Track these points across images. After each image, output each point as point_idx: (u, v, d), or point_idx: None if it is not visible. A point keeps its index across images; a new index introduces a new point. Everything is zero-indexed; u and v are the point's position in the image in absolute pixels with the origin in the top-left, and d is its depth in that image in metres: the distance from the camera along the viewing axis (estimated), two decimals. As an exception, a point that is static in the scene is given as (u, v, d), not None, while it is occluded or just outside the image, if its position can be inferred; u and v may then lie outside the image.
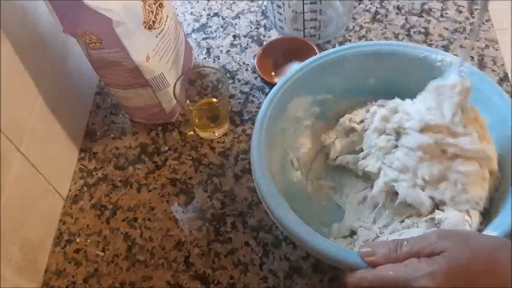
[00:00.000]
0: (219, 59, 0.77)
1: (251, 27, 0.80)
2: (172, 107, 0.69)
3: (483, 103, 0.52)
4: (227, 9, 0.83)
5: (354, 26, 0.78)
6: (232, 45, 0.78)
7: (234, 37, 0.79)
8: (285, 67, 0.73)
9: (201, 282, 0.56)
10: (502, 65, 0.71)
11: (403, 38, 0.76)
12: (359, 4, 0.81)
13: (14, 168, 0.53)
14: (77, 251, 0.60)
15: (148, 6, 0.59)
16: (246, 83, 0.73)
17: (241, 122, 0.69)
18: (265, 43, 0.76)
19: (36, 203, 0.58)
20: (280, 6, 0.72)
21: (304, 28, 0.73)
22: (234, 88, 0.73)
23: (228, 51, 0.77)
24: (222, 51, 0.77)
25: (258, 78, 0.73)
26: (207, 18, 0.82)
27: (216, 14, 0.82)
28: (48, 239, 0.61)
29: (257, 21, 0.81)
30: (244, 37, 0.79)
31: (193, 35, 0.80)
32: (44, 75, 0.60)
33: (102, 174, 0.67)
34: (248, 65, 0.75)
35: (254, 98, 0.72)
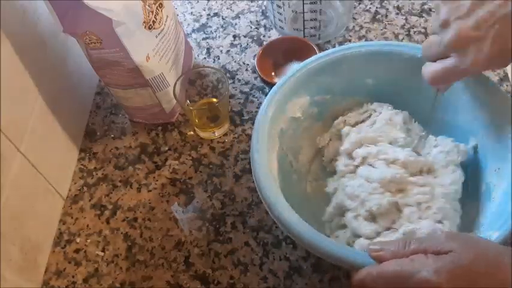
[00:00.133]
0: (219, 59, 0.77)
1: (251, 27, 0.80)
2: (172, 107, 0.69)
3: (481, 102, 0.53)
4: (227, 9, 0.83)
5: (354, 26, 0.78)
6: (232, 45, 0.78)
7: (234, 37, 0.79)
8: (285, 67, 0.73)
9: (201, 282, 0.56)
10: (502, 65, 0.71)
11: (403, 38, 0.76)
12: (359, 4, 0.81)
13: (14, 168, 0.53)
14: (77, 251, 0.60)
15: (148, 6, 0.59)
16: (246, 83, 0.73)
17: (241, 122, 0.69)
18: (265, 43, 0.76)
19: (36, 203, 0.58)
20: (280, 6, 0.72)
21: (304, 28, 0.73)
22: (234, 88, 0.73)
23: (228, 51, 0.77)
24: (222, 51, 0.77)
25: (258, 78, 0.73)
26: (207, 18, 0.82)
27: (216, 14, 0.82)
28: (48, 239, 0.61)
29: (257, 21, 0.81)
30: (244, 37, 0.79)
31: (193, 35, 0.80)
32: (44, 75, 0.60)
33: (102, 174, 0.67)
34: (248, 65, 0.75)
35: (254, 98, 0.72)
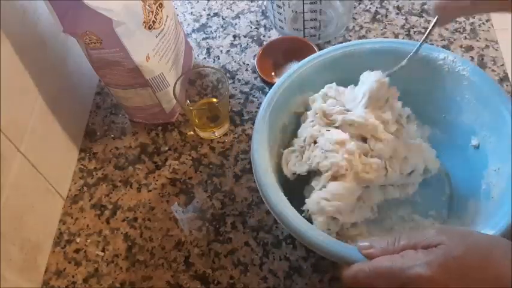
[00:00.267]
0: (219, 59, 0.77)
1: (251, 27, 0.80)
2: (172, 107, 0.69)
3: (483, 102, 0.53)
4: (227, 9, 0.83)
5: (354, 26, 0.78)
6: (232, 45, 0.78)
7: (234, 37, 0.79)
8: (285, 67, 0.73)
9: (201, 282, 0.56)
10: (502, 65, 0.71)
11: (403, 38, 0.76)
12: (359, 4, 0.81)
13: (14, 168, 0.53)
14: (77, 251, 0.60)
15: (148, 6, 0.59)
16: (246, 83, 0.73)
17: (241, 122, 0.69)
18: (265, 43, 0.76)
19: (36, 203, 0.58)
20: (280, 6, 0.72)
21: (304, 28, 0.73)
22: (234, 88, 0.73)
23: (228, 51, 0.77)
24: (222, 51, 0.77)
25: (258, 78, 0.73)
26: (207, 18, 0.82)
27: (216, 14, 0.82)
28: (48, 239, 0.61)
29: (257, 21, 0.81)
30: (244, 37, 0.79)
31: (193, 35, 0.80)
32: (44, 75, 0.60)
33: (102, 174, 0.67)
34: (248, 65, 0.75)
35: (254, 98, 0.72)
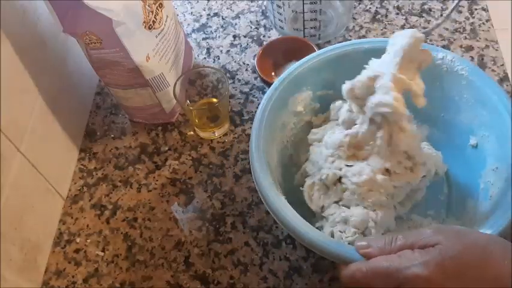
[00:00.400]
0: (219, 59, 0.77)
1: (251, 27, 0.80)
2: (172, 107, 0.69)
3: (482, 101, 0.53)
4: (227, 9, 0.83)
5: (354, 26, 0.78)
6: (232, 45, 0.78)
7: (234, 37, 0.79)
8: (285, 67, 0.73)
9: (201, 282, 0.57)
10: (502, 65, 0.71)
11: (403, 38, 0.76)
12: (359, 4, 0.81)
13: (14, 168, 0.53)
14: (77, 251, 0.60)
15: (148, 6, 0.59)
16: (246, 83, 0.73)
17: (241, 122, 0.69)
18: (265, 43, 0.76)
19: (36, 203, 0.58)
20: (280, 6, 0.72)
21: (304, 28, 0.73)
22: (234, 88, 0.73)
23: (228, 51, 0.77)
24: (222, 51, 0.77)
25: (258, 78, 0.73)
26: (207, 18, 0.82)
27: (216, 14, 0.82)
28: (48, 239, 0.61)
29: (257, 21, 0.81)
30: (244, 37, 0.79)
31: (193, 35, 0.80)
32: (44, 75, 0.61)
33: (102, 174, 0.67)
34: (248, 65, 0.75)
35: (254, 98, 0.72)
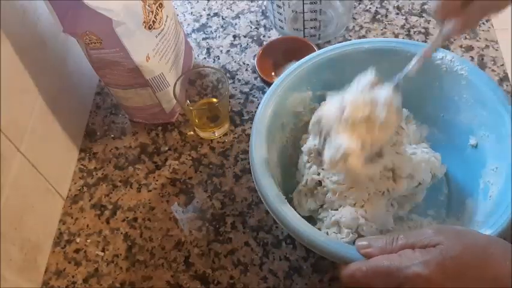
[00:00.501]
0: (219, 59, 0.77)
1: (251, 27, 0.80)
2: (172, 107, 0.69)
3: (481, 101, 0.53)
4: (227, 9, 0.83)
5: (354, 26, 0.78)
6: (232, 45, 0.78)
7: (234, 37, 0.79)
8: (285, 67, 0.73)
9: (201, 282, 0.56)
10: (502, 65, 0.71)
11: (403, 38, 0.76)
12: (359, 4, 0.81)
13: (14, 168, 0.53)
14: (77, 251, 0.60)
15: (148, 6, 0.59)
16: (246, 83, 0.73)
17: (241, 122, 0.69)
18: (265, 43, 0.76)
19: (36, 203, 0.58)
20: (280, 6, 0.72)
21: (304, 28, 0.73)
22: (234, 88, 0.73)
23: (228, 51, 0.77)
24: (222, 51, 0.77)
25: (258, 78, 0.73)
26: (207, 18, 0.82)
27: (216, 14, 0.82)
28: (48, 239, 0.61)
29: (257, 21, 0.81)
30: (244, 37, 0.79)
31: (193, 35, 0.80)
32: (44, 75, 0.61)
33: (102, 174, 0.67)
34: (248, 65, 0.75)
35: (254, 98, 0.72)
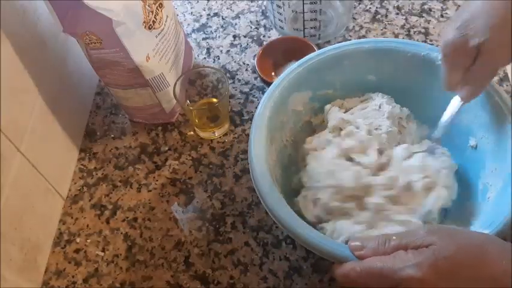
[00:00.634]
0: (219, 59, 0.77)
1: (251, 27, 0.80)
2: (172, 107, 0.69)
3: (482, 102, 0.53)
4: (227, 9, 0.83)
5: (354, 26, 0.78)
6: (232, 45, 0.78)
7: (234, 37, 0.79)
8: (285, 67, 0.73)
9: (201, 282, 0.56)
10: (502, 65, 0.71)
11: (403, 38, 0.76)
12: (359, 4, 0.81)
13: (14, 168, 0.53)
14: (77, 251, 0.60)
15: (148, 6, 0.59)
16: (246, 83, 0.73)
17: (241, 122, 0.69)
18: (265, 43, 0.76)
19: (36, 203, 0.58)
20: (280, 6, 0.72)
21: (304, 28, 0.73)
22: (234, 88, 0.73)
23: (228, 51, 0.77)
24: (222, 51, 0.77)
25: (258, 78, 0.73)
26: (207, 18, 0.82)
27: (216, 14, 0.82)
28: (48, 239, 0.61)
29: (257, 21, 0.81)
30: (244, 37, 0.79)
31: (193, 35, 0.80)
32: (44, 75, 0.61)
33: (102, 174, 0.67)
34: (248, 65, 0.75)
35: (254, 98, 0.72)
